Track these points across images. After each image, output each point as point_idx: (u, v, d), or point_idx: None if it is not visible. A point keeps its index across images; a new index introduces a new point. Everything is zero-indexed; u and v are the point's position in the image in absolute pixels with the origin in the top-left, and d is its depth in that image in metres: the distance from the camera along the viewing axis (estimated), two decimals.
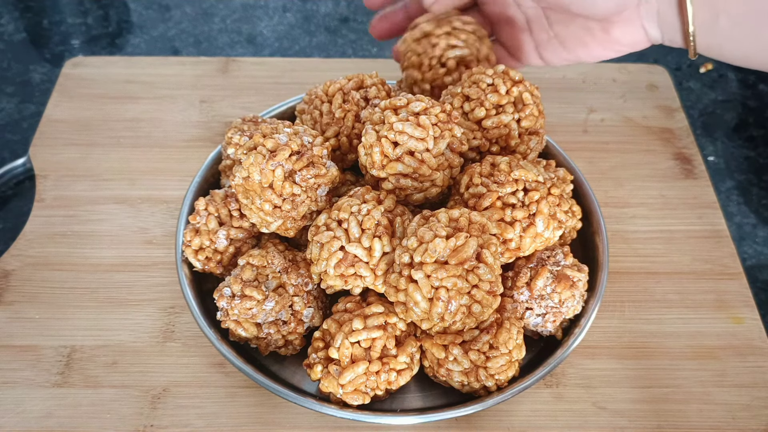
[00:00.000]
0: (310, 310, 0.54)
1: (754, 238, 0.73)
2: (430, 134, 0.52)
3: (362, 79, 0.60)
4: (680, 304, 0.64)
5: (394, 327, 0.51)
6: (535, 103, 0.58)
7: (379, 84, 0.60)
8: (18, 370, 0.58)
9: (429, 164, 0.52)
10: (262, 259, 0.54)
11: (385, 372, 0.51)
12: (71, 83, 0.81)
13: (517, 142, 0.58)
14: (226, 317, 0.54)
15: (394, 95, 0.61)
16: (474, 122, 0.57)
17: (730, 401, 0.58)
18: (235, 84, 0.82)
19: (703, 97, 0.88)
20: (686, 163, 0.75)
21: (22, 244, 0.66)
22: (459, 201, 0.55)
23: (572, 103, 0.81)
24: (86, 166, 0.73)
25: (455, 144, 0.53)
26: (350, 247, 0.50)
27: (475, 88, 0.57)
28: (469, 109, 0.57)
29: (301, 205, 0.53)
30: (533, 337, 0.58)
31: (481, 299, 0.48)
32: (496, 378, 0.52)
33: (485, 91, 0.57)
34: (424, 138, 0.51)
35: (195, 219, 0.58)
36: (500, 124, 0.57)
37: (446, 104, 0.54)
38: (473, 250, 0.47)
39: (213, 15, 0.97)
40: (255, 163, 0.51)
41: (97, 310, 0.62)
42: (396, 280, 0.49)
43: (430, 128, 0.52)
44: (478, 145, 0.58)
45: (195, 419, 0.55)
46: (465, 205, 0.54)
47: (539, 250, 0.55)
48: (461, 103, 0.58)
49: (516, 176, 0.53)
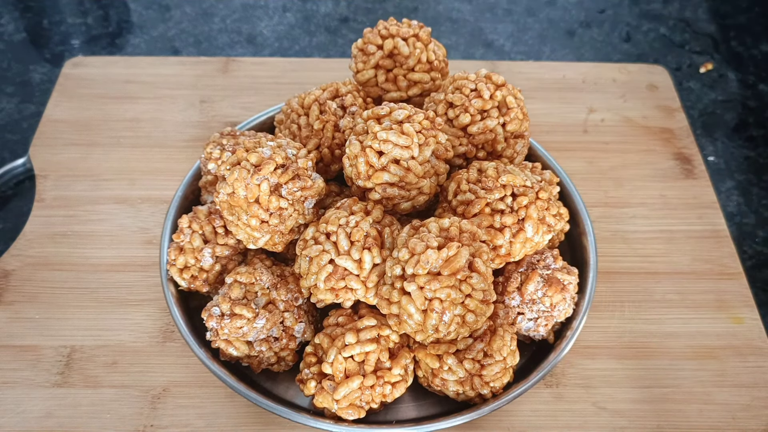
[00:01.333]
0: (301, 325, 0.54)
1: (754, 238, 0.73)
2: (415, 141, 0.51)
3: (337, 87, 0.60)
4: (680, 304, 0.64)
5: (387, 339, 0.51)
6: (519, 106, 0.58)
7: (354, 91, 0.60)
8: (18, 370, 0.58)
9: (415, 172, 0.52)
10: (250, 275, 0.53)
11: (380, 385, 0.50)
12: (71, 83, 0.81)
13: (503, 146, 0.57)
14: (216, 337, 0.53)
15: (370, 102, 0.61)
16: (459, 129, 0.57)
17: (730, 401, 0.58)
18: (235, 84, 0.82)
19: (703, 97, 0.88)
20: (686, 163, 0.75)
21: (22, 244, 0.66)
22: (447, 208, 0.54)
23: (572, 103, 0.81)
24: (86, 166, 0.73)
25: (440, 151, 0.53)
26: (340, 260, 0.50)
27: (458, 94, 0.57)
28: (454, 115, 0.57)
29: (289, 218, 0.52)
30: (525, 342, 0.58)
31: (474, 308, 0.48)
32: (491, 385, 0.52)
33: (469, 97, 0.56)
34: (408, 146, 0.51)
35: (179, 237, 0.57)
36: (486, 129, 0.57)
37: (429, 111, 0.54)
38: (465, 259, 0.47)
39: (213, 15, 0.97)
40: (240, 179, 0.50)
41: (97, 310, 0.62)
42: (388, 293, 0.49)
43: (414, 135, 0.51)
44: (465, 151, 0.57)
45: (195, 419, 0.55)
46: (453, 212, 0.54)
47: (529, 254, 0.55)
48: (445, 110, 0.57)
49: (504, 181, 0.52)
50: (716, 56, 0.93)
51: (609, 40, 0.96)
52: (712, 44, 0.95)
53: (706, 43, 0.95)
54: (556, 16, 0.99)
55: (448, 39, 0.95)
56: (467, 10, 0.99)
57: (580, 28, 0.97)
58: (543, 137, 0.76)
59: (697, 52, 0.94)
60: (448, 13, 0.99)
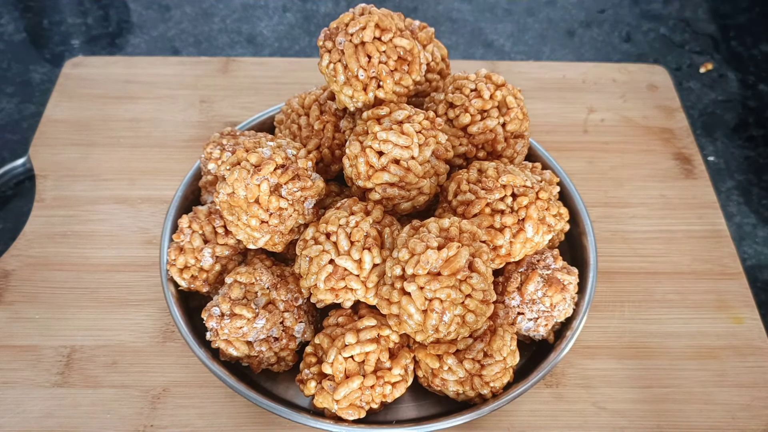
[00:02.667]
0: (301, 325, 0.54)
1: (754, 238, 0.73)
2: (415, 141, 0.51)
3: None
4: (680, 304, 0.64)
5: (387, 339, 0.51)
6: (519, 105, 0.58)
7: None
8: (18, 370, 0.58)
9: (415, 172, 0.52)
10: (250, 276, 0.53)
11: (380, 385, 0.50)
12: (71, 83, 0.81)
13: (503, 146, 0.57)
14: (216, 337, 0.53)
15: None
16: (459, 129, 0.57)
17: (730, 401, 0.58)
18: (235, 84, 0.82)
19: (703, 97, 0.88)
20: (686, 163, 0.75)
21: (22, 244, 0.66)
22: (447, 209, 0.54)
23: (572, 103, 0.81)
24: (86, 166, 0.73)
25: (440, 151, 0.53)
26: (340, 261, 0.50)
27: (458, 94, 0.57)
28: (454, 115, 0.57)
29: (289, 218, 0.52)
30: (525, 342, 0.58)
31: (474, 308, 0.48)
32: (491, 386, 0.52)
33: (469, 97, 0.56)
34: (408, 146, 0.51)
35: (179, 237, 0.57)
36: (486, 129, 0.57)
37: (429, 111, 0.54)
38: (465, 259, 0.47)
39: (213, 15, 0.97)
40: (240, 179, 0.50)
41: (97, 310, 0.62)
42: (388, 293, 0.49)
43: (414, 135, 0.51)
44: (465, 151, 0.57)
45: (195, 419, 0.55)
46: (453, 212, 0.54)
47: (529, 254, 0.55)
48: (445, 110, 0.57)
49: (504, 182, 0.52)
50: (716, 56, 0.93)
51: (609, 40, 0.96)
52: (712, 44, 0.95)
53: (706, 43, 0.95)
54: (556, 16, 0.99)
55: (448, 39, 0.95)
56: (467, 10, 0.99)
57: (580, 28, 0.97)
58: (543, 137, 0.76)
59: (697, 52, 0.94)
60: (448, 13, 0.99)
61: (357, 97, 0.54)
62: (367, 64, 0.52)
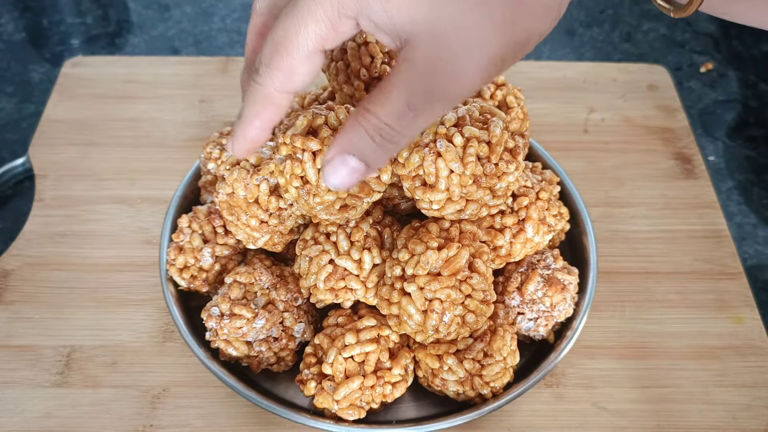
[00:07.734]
0: (301, 326, 0.54)
1: (755, 237, 0.73)
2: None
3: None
4: (681, 304, 0.64)
5: (387, 339, 0.51)
6: (519, 105, 0.58)
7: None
8: (18, 370, 0.58)
9: None
10: (250, 276, 0.53)
11: (380, 386, 0.50)
12: (71, 83, 0.81)
13: None
14: (215, 337, 0.53)
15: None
16: None
17: (731, 401, 0.58)
18: (235, 84, 0.82)
19: (703, 97, 0.88)
20: (686, 163, 0.75)
21: (22, 244, 0.66)
22: None
23: (572, 103, 0.81)
24: (86, 166, 0.73)
25: None
26: (340, 261, 0.49)
27: None
28: None
29: (288, 218, 0.52)
30: (525, 342, 0.58)
31: (474, 309, 0.48)
32: (492, 386, 0.52)
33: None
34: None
35: (178, 237, 0.57)
36: None
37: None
38: (465, 260, 0.47)
39: (213, 15, 0.97)
40: (239, 179, 0.50)
41: (97, 310, 0.62)
42: (388, 293, 0.48)
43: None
44: None
45: (195, 419, 0.55)
46: None
47: (529, 254, 0.55)
48: None
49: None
50: (717, 56, 0.93)
51: (609, 39, 0.96)
52: (712, 44, 0.95)
53: (707, 43, 0.95)
54: None
55: None
56: None
57: (581, 27, 0.97)
58: (543, 137, 0.76)
59: (697, 52, 0.94)
60: None
61: (358, 96, 0.54)
62: (370, 64, 0.52)
